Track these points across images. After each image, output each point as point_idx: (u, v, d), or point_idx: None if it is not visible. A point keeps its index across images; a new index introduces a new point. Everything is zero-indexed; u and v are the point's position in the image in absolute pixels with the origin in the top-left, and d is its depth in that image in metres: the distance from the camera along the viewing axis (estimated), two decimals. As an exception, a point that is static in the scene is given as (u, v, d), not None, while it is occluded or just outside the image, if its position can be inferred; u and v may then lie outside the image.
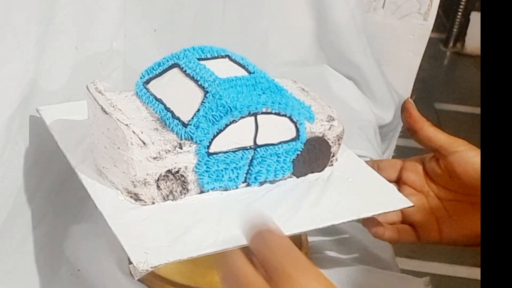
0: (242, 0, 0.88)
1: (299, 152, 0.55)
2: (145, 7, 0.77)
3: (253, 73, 0.54)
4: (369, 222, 0.57)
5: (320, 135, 0.56)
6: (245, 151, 0.52)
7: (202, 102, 0.50)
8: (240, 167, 0.53)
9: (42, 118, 0.58)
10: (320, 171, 0.58)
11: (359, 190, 0.57)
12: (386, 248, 0.71)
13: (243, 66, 0.55)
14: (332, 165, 0.59)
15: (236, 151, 0.52)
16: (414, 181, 0.61)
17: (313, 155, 0.57)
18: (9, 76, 0.54)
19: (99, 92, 0.52)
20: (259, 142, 0.52)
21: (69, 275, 0.61)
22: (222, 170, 0.52)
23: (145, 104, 0.54)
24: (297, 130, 0.54)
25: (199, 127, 0.50)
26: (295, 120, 0.53)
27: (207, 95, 0.50)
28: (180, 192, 0.51)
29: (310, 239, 0.67)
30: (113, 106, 0.51)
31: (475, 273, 1.42)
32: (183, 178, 0.51)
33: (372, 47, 0.99)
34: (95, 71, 0.68)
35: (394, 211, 0.57)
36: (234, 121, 0.50)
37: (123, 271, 0.61)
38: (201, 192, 0.53)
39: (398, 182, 0.61)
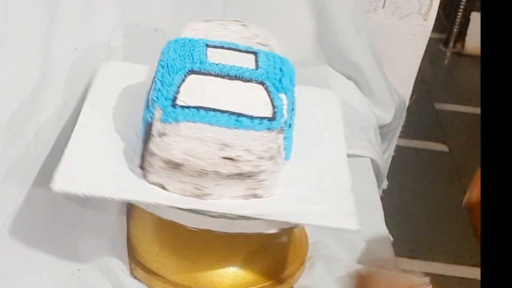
0: (242, 0, 0.88)
1: None
2: (145, 7, 0.77)
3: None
4: None
5: None
6: None
7: None
8: None
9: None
10: None
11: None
12: (386, 248, 0.71)
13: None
14: None
15: None
16: None
17: None
18: (10, 76, 0.54)
19: None
20: None
21: (69, 275, 0.61)
22: None
23: None
24: None
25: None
26: None
27: None
28: None
29: (310, 239, 0.67)
30: None
31: (475, 273, 1.42)
32: None
33: (372, 47, 0.99)
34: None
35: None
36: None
37: (123, 271, 0.61)
38: None
39: None
